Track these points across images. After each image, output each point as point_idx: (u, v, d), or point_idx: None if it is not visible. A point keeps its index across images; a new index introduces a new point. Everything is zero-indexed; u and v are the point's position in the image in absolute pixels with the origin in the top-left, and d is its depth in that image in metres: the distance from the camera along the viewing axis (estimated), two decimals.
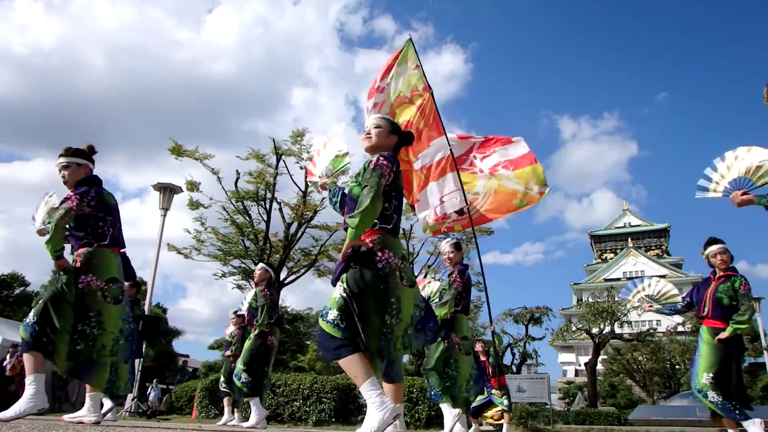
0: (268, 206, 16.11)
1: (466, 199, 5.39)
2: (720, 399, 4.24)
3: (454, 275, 4.75)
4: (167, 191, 12.44)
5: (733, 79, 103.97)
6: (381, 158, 2.63)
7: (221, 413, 9.38)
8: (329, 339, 2.42)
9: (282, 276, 16.28)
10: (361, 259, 2.54)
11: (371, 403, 2.30)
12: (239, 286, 16.71)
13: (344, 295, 2.46)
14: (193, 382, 11.99)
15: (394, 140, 2.87)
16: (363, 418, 2.43)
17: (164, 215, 12.33)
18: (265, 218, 16.07)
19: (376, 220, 2.56)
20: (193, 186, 15.55)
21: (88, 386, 3.71)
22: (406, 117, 5.74)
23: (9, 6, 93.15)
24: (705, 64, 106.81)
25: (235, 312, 7.57)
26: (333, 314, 2.43)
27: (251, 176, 15.84)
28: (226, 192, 15.88)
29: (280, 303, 18.99)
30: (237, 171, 15.91)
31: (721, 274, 4.52)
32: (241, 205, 16.05)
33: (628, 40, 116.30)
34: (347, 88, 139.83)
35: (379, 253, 2.55)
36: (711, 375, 4.29)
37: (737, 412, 4.18)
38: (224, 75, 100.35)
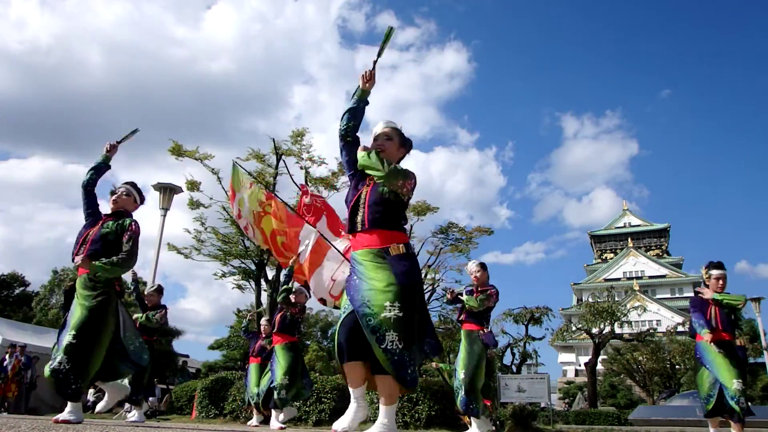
0: None
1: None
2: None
3: (492, 290, 5.16)
4: (167, 191, 12.44)
5: (737, 77, 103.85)
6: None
7: (221, 413, 9.40)
8: None
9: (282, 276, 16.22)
10: None
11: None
12: (239, 286, 16.70)
13: None
14: (193, 382, 11.99)
15: (403, 153, 2.93)
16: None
17: (164, 215, 12.33)
18: None
19: None
20: (193, 185, 15.54)
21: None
22: (270, 227, 6.55)
23: (5, 2, 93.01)
24: (709, 61, 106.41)
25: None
26: None
27: (251, 176, 15.80)
28: (226, 192, 15.85)
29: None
30: None
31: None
32: None
33: (632, 36, 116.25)
34: (348, 86, 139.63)
35: None
36: (742, 381, 4.50)
37: None
38: (223, 73, 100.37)
